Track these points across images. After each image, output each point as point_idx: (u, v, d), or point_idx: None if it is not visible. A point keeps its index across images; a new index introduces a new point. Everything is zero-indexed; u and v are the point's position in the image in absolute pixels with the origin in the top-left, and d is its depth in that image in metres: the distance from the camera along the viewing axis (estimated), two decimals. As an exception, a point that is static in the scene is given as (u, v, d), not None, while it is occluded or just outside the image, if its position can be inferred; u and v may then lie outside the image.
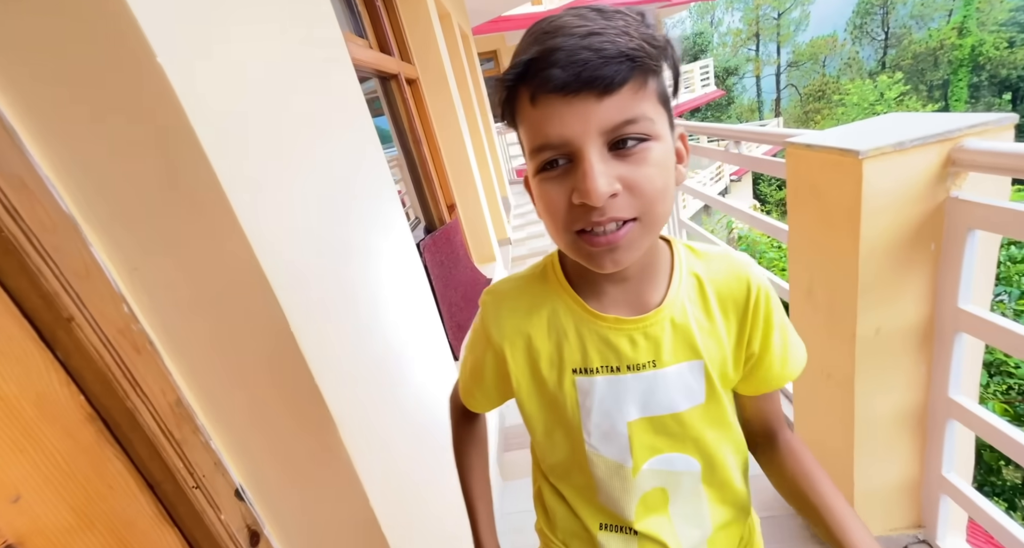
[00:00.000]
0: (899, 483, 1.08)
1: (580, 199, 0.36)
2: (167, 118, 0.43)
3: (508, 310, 0.50)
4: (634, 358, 0.46)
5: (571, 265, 0.48)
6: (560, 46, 0.34)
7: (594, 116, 0.35)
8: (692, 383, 0.47)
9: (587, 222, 0.38)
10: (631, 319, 0.46)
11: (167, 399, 0.51)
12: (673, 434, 0.49)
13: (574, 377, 0.47)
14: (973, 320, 0.87)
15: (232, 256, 0.47)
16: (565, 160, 0.37)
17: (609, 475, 0.50)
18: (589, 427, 0.48)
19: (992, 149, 0.78)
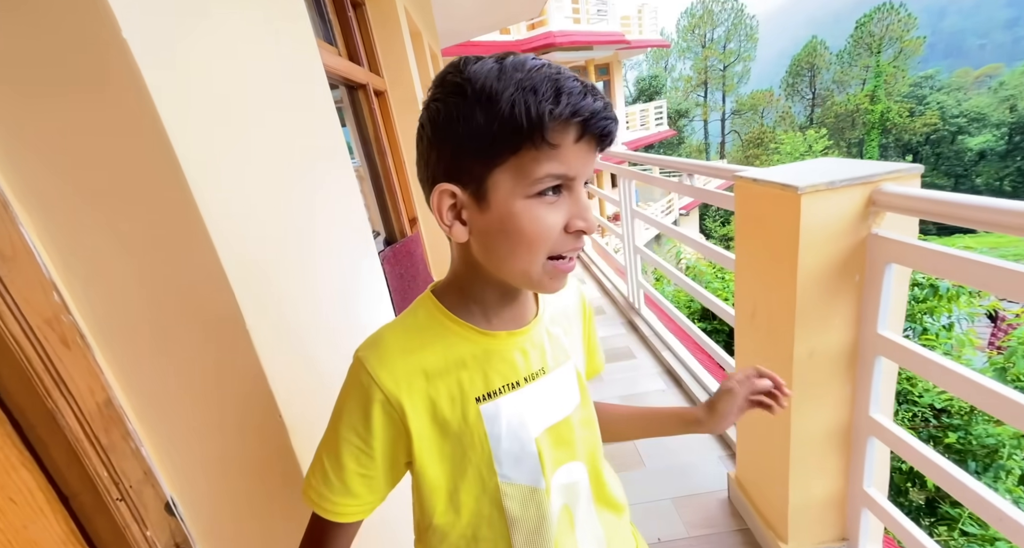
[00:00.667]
0: (828, 497, 1.16)
1: (582, 227, 0.43)
2: (128, 97, 0.41)
3: (397, 354, 0.46)
4: (528, 368, 0.50)
5: (453, 299, 0.49)
6: (606, 106, 0.41)
7: (591, 163, 0.43)
8: (570, 384, 0.54)
9: (571, 247, 0.43)
10: (519, 331, 0.49)
11: (96, 399, 0.46)
12: (568, 441, 0.53)
13: (478, 407, 0.47)
14: (890, 345, 0.96)
15: (189, 246, 0.44)
16: (562, 190, 0.42)
17: (524, 505, 0.49)
18: (500, 456, 0.48)
19: (905, 193, 0.89)
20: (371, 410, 0.45)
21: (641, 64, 32.78)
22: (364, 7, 2.22)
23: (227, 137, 0.54)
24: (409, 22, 2.92)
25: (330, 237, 0.86)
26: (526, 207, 0.40)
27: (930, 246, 0.85)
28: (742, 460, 1.42)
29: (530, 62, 0.40)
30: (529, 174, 0.39)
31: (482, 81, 0.39)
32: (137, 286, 0.45)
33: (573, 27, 10.43)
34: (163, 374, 0.48)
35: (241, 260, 0.50)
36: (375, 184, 2.24)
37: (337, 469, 0.46)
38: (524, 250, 0.42)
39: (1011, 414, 0.74)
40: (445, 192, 0.42)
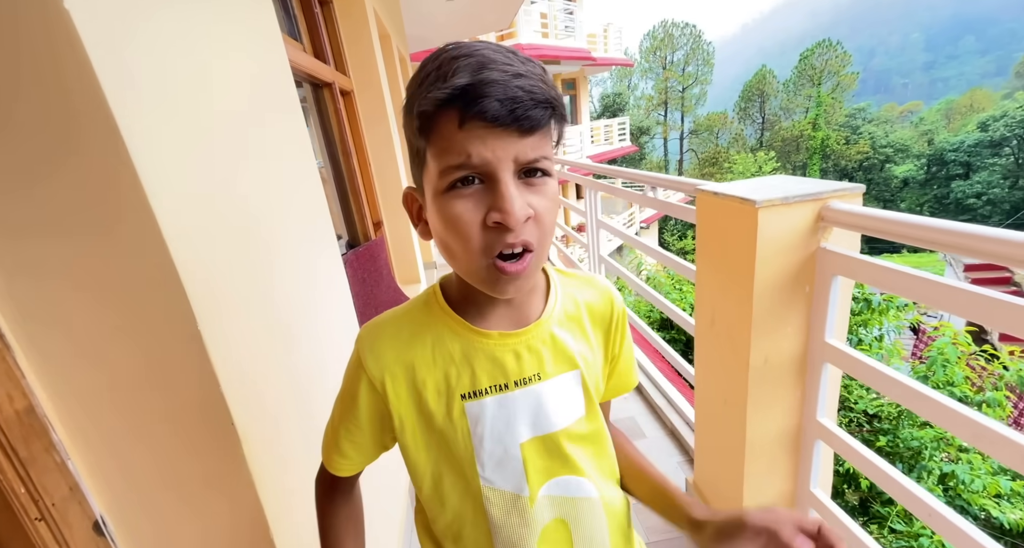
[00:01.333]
0: (778, 499, 1.21)
1: (498, 219, 0.38)
2: (69, 80, 0.37)
3: (388, 340, 0.48)
4: (520, 372, 0.47)
5: (455, 292, 0.49)
6: (495, 80, 0.36)
7: (514, 148, 0.38)
8: (573, 394, 0.50)
9: (503, 244, 0.39)
10: (514, 333, 0.47)
11: (14, 407, 0.40)
12: (564, 455, 0.49)
13: (463, 404, 0.47)
14: (836, 352, 1.03)
15: (133, 233, 0.40)
16: (479, 180, 0.39)
17: (506, 512, 0.48)
18: (483, 457, 0.47)
19: (851, 210, 0.95)
20: (359, 386, 0.48)
21: (606, 81, 33.93)
22: (331, 5, 2.16)
23: (181, 126, 0.50)
24: (378, 23, 2.88)
25: (290, 237, 0.82)
26: (442, 202, 0.39)
27: (872, 260, 0.92)
28: (700, 465, 1.46)
29: (442, 52, 0.39)
30: (434, 169, 0.39)
31: (409, 83, 0.41)
32: (69, 278, 0.40)
33: (541, 41, 10.66)
34: (97, 379, 0.43)
35: (194, 257, 0.46)
36: (339, 186, 2.17)
37: (334, 432, 0.51)
38: (455, 247, 0.41)
39: (937, 414, 0.80)
40: (409, 196, 0.45)
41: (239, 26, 0.75)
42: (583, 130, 12.73)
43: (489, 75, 0.36)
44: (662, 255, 1.83)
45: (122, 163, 0.39)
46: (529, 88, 0.37)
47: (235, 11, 0.73)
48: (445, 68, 0.37)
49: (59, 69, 0.37)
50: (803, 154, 29.50)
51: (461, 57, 0.37)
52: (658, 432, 1.93)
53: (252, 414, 0.52)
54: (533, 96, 0.37)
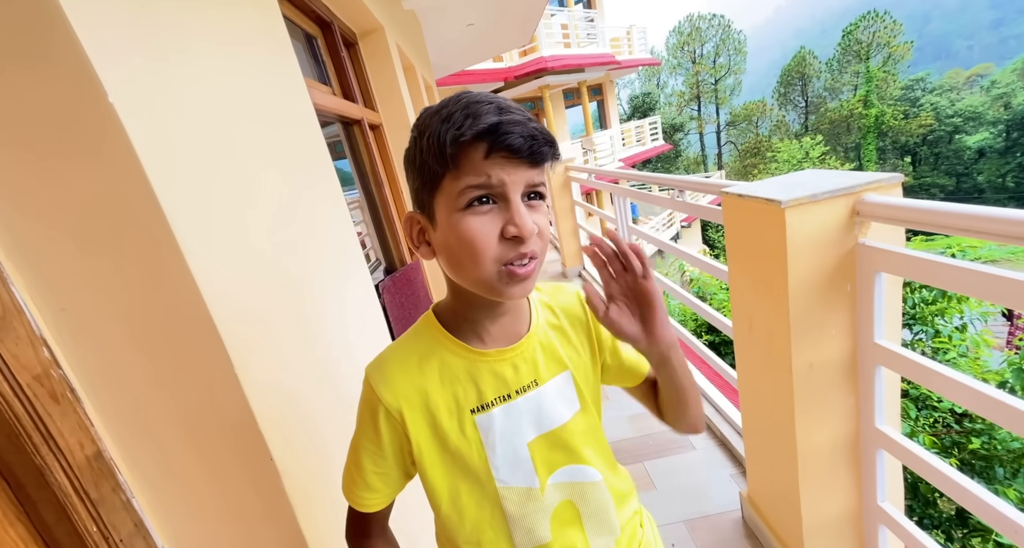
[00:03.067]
0: (843, 514, 1.12)
1: (515, 232, 0.45)
2: (110, 150, 0.43)
3: (398, 371, 0.52)
4: (519, 381, 0.53)
5: (450, 319, 0.54)
6: (517, 121, 0.44)
7: (524, 175, 0.46)
8: (567, 392, 0.56)
9: (516, 254, 0.46)
10: (510, 348, 0.54)
11: (84, 452, 0.46)
12: (566, 446, 0.55)
13: (474, 418, 0.52)
14: (889, 354, 0.95)
15: (175, 295, 0.46)
16: (493, 200, 0.45)
17: (521, 505, 0.54)
18: (496, 462, 0.53)
19: (886, 202, 0.89)
20: (378, 420, 0.52)
21: (634, 82, 33.49)
22: (357, 46, 2.31)
23: (213, 188, 0.56)
24: (402, 57, 3.03)
25: (324, 275, 0.88)
26: (460, 219, 0.45)
27: (917, 254, 0.85)
28: (752, 478, 1.39)
29: (460, 98, 0.45)
30: (453, 190, 0.45)
31: (421, 122, 0.47)
32: (126, 337, 0.46)
33: (564, 51, 10.73)
34: (154, 423, 0.49)
35: (229, 310, 0.52)
36: (373, 214, 2.28)
37: (358, 469, 0.54)
38: (469, 259, 0.46)
39: (1014, 422, 0.73)
40: (411, 219, 0.50)
41: (266, 83, 0.82)
42: (613, 134, 12.61)
43: (512, 117, 0.44)
44: (694, 258, 1.77)
45: (162, 231, 0.45)
46: (541, 130, 0.45)
47: (262, 67, 0.81)
48: (472, 109, 0.44)
49: (110, 158, 0.43)
50: (855, 134, 27.53)
51: (483, 102, 0.44)
52: (707, 442, 1.85)
53: (289, 451, 0.57)
54: (544, 137, 0.45)
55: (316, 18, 1.80)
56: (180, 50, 0.56)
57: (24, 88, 0.41)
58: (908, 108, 27.38)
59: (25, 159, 0.43)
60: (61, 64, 0.41)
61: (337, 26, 1.95)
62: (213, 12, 0.68)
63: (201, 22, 0.63)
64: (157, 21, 0.53)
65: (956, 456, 2.90)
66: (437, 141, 0.43)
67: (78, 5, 0.41)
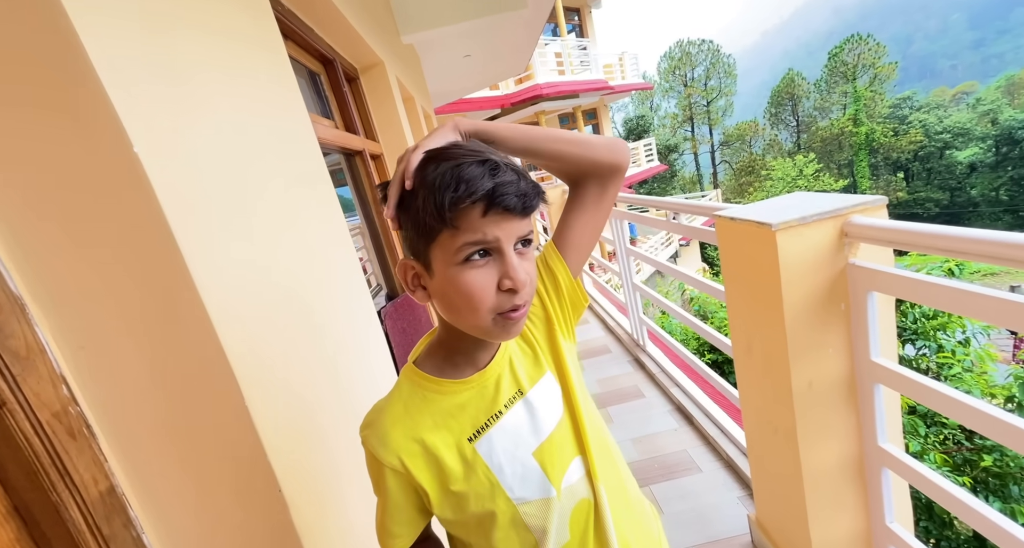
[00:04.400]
0: (852, 536, 1.10)
1: (511, 285, 0.47)
2: (128, 197, 0.46)
3: (391, 424, 0.53)
4: (505, 395, 0.55)
5: (431, 365, 0.56)
6: (509, 181, 0.46)
7: (516, 228, 0.48)
8: (552, 394, 0.58)
9: (511, 304, 0.48)
10: (485, 369, 0.55)
11: (99, 488, 0.47)
12: (564, 444, 0.57)
13: (473, 446, 0.53)
14: (886, 372, 0.96)
15: (189, 332, 0.48)
16: (486, 254, 0.48)
17: (544, 517, 0.54)
18: (508, 482, 0.53)
19: (873, 224, 0.92)
20: (384, 477, 0.53)
21: (627, 106, 34.32)
22: (358, 81, 2.40)
23: (228, 228, 0.59)
24: (401, 89, 3.13)
25: (328, 304, 0.90)
26: (457, 273, 0.47)
27: (906, 273, 0.88)
28: (760, 500, 1.37)
29: (445, 157, 0.47)
30: (450, 247, 0.47)
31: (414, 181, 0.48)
32: (142, 373, 0.48)
33: (558, 78, 11.06)
34: (165, 458, 0.50)
35: (241, 345, 0.54)
36: (375, 242, 2.32)
37: (382, 521, 0.56)
38: (467, 309, 0.48)
39: (1013, 439, 0.73)
40: (405, 265, 0.52)
41: (274, 118, 0.87)
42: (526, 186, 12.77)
43: (504, 177, 0.46)
44: (691, 278, 1.80)
45: (179, 271, 0.48)
46: (529, 187, 0.48)
47: (267, 103, 0.85)
48: (465, 174, 0.45)
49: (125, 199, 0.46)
50: (847, 152, 28.04)
51: (472, 164, 0.46)
52: (713, 464, 1.82)
53: (297, 483, 0.58)
54: (535, 190, 0.48)
55: (319, 56, 1.88)
56: (195, 95, 0.60)
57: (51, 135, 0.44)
58: (897, 125, 27.99)
59: (53, 199, 0.45)
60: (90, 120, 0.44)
61: (339, 62, 2.03)
62: (225, 54, 0.72)
63: (215, 63, 0.68)
64: (174, 58, 0.57)
65: (969, 474, 2.84)
66: (434, 203, 0.45)
67: (99, 40, 0.45)
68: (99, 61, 0.43)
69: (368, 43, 2.16)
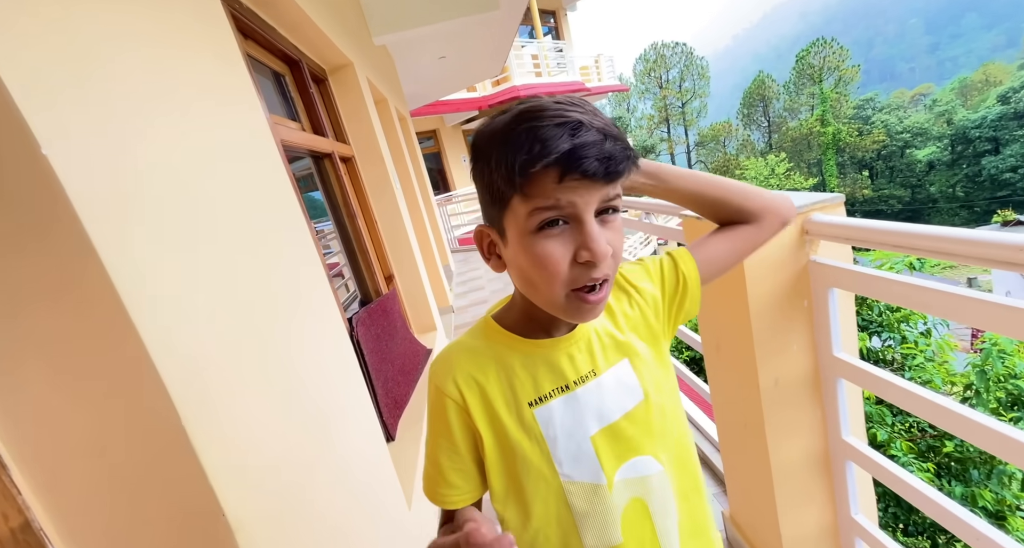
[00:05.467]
0: (820, 529, 1.13)
1: (588, 258, 0.43)
2: (50, 215, 0.43)
3: (458, 363, 0.53)
4: (576, 372, 0.52)
5: (509, 319, 0.54)
6: (591, 142, 0.41)
7: (599, 194, 0.44)
8: (627, 382, 0.54)
9: (588, 278, 0.44)
10: (564, 337, 0.53)
11: (9, 525, 0.43)
12: (630, 437, 0.53)
13: (532, 411, 0.51)
14: (848, 367, 0.98)
15: (115, 350, 0.45)
16: (564, 221, 0.44)
17: (589, 502, 0.52)
18: (559, 456, 0.51)
19: (832, 221, 0.94)
20: (448, 414, 0.52)
21: (604, 107, 34.75)
22: (327, 82, 2.35)
23: (166, 246, 0.56)
24: (373, 91, 3.08)
25: (288, 320, 0.87)
26: (532, 242, 0.44)
27: (864, 270, 0.90)
28: (733, 496, 1.39)
29: (521, 114, 0.43)
30: (523, 211, 0.44)
31: (481, 144, 0.46)
32: (60, 392, 0.45)
33: (535, 80, 11.09)
34: (90, 488, 0.46)
35: (175, 355, 0.50)
36: (347, 246, 2.27)
37: (436, 467, 0.53)
38: (540, 281, 0.46)
39: (965, 430, 0.75)
40: (481, 232, 0.50)
41: (228, 126, 0.83)
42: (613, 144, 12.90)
43: (585, 138, 0.41)
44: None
45: (101, 279, 0.45)
46: (617, 148, 0.43)
47: (224, 113, 0.82)
48: (541, 133, 0.41)
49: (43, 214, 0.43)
50: (815, 151, 29.05)
51: (550, 122, 0.41)
52: (691, 462, 1.84)
53: (247, 506, 0.55)
54: (623, 153, 0.43)
55: (283, 56, 1.83)
56: (128, 104, 0.57)
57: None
58: (861, 126, 29.16)
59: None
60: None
61: (305, 63, 1.98)
62: (168, 64, 0.69)
63: (156, 72, 0.64)
64: (98, 68, 0.54)
65: (932, 460, 2.95)
66: (505, 167, 0.42)
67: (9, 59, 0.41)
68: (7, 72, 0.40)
69: (336, 44, 2.11)
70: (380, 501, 1.14)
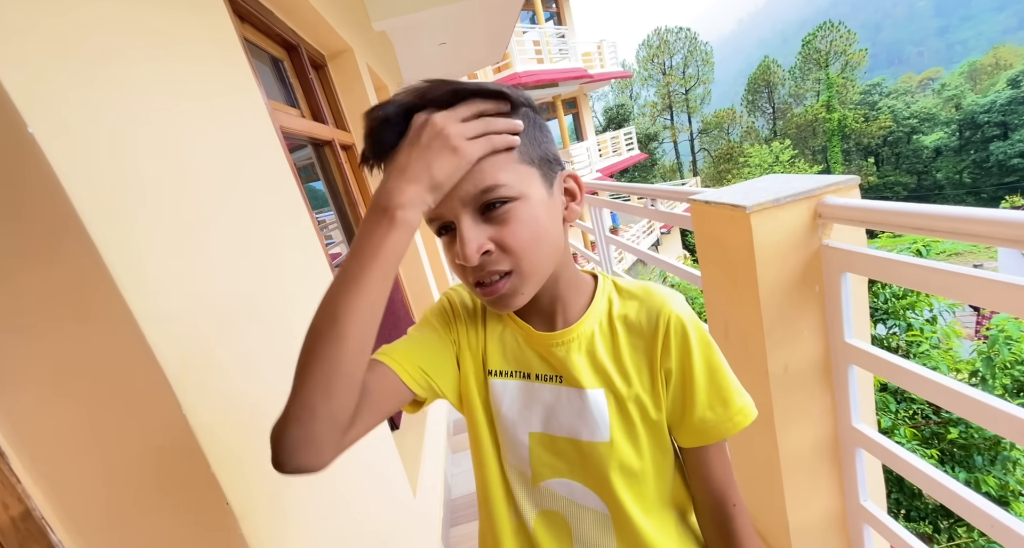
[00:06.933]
0: (828, 516, 1.12)
1: (460, 262, 0.44)
2: (40, 198, 0.41)
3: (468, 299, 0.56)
4: (543, 369, 0.52)
5: None
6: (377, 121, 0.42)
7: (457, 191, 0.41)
8: (595, 414, 0.48)
9: (476, 276, 0.45)
10: (540, 334, 0.51)
11: (9, 514, 0.42)
12: (572, 461, 0.51)
13: (490, 380, 0.53)
14: (860, 353, 0.97)
15: (110, 335, 0.43)
16: (448, 227, 0.44)
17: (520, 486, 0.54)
18: (499, 432, 0.53)
19: (846, 204, 0.92)
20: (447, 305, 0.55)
21: (607, 95, 34.31)
22: (326, 68, 2.31)
23: (164, 234, 0.54)
24: (373, 77, 3.04)
25: (283, 306, 0.85)
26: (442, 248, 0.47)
27: (878, 253, 0.87)
28: (739, 484, 1.38)
29: None
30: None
31: None
32: (57, 378, 0.44)
33: (537, 67, 10.94)
34: (93, 475, 0.45)
35: (175, 340, 0.49)
36: (349, 235, 2.25)
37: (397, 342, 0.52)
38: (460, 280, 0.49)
39: (981, 415, 0.74)
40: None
41: (227, 114, 0.81)
42: (589, 145, 12.83)
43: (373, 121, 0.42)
44: (673, 266, 1.79)
45: (89, 253, 0.43)
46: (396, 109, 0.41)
47: (217, 103, 0.79)
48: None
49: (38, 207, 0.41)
50: (820, 138, 28.67)
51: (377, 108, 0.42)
52: (696, 449, 1.84)
53: (248, 493, 0.54)
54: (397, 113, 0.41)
55: (282, 41, 1.79)
56: (125, 93, 0.55)
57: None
58: (868, 111, 28.71)
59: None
60: None
61: (304, 49, 1.94)
62: (164, 50, 0.66)
63: (152, 59, 0.62)
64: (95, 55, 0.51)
65: (936, 447, 2.96)
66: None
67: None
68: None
69: (335, 28, 2.06)
70: (385, 489, 1.14)
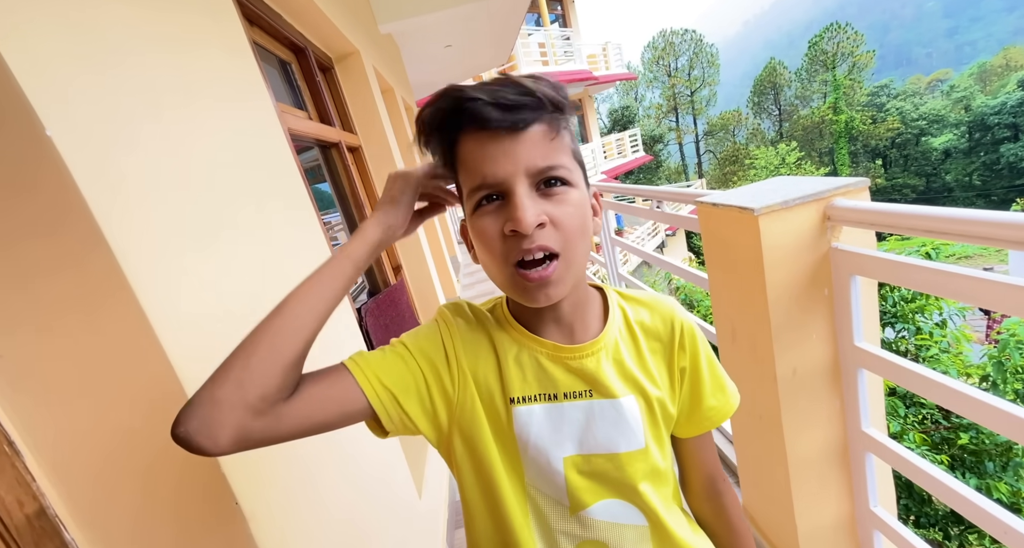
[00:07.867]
0: (837, 521, 1.11)
1: (512, 226, 0.41)
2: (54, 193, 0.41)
3: (464, 321, 0.51)
4: (570, 386, 0.48)
5: (516, 306, 0.51)
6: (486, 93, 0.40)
7: (522, 161, 0.41)
8: (631, 422, 0.49)
9: (520, 251, 0.42)
10: (567, 347, 0.48)
11: (24, 511, 0.42)
12: (609, 478, 0.49)
13: (512, 408, 0.48)
14: (869, 357, 0.96)
15: (127, 338, 0.44)
16: (497, 196, 0.43)
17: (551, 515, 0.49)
18: (527, 461, 0.48)
19: (856, 206, 0.91)
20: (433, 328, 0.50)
21: (612, 97, 34.30)
22: (333, 70, 2.32)
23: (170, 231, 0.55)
24: (379, 79, 3.05)
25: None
26: (474, 221, 0.45)
27: (888, 256, 0.87)
28: (746, 487, 1.37)
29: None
30: (466, 197, 0.45)
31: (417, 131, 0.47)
32: (72, 379, 0.44)
33: (542, 69, 10.96)
34: (106, 473, 0.46)
35: (186, 344, 0.49)
36: (355, 236, 2.26)
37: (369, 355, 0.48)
38: (486, 259, 0.45)
39: (994, 420, 0.73)
40: (463, 226, 0.49)
41: (239, 118, 0.81)
42: (594, 147, 12.83)
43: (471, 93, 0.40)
44: (676, 268, 1.79)
45: (108, 262, 0.43)
46: (520, 90, 0.40)
47: (228, 105, 0.80)
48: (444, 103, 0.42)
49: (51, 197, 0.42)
50: (827, 140, 28.50)
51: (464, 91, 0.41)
52: (702, 453, 1.83)
53: (258, 495, 0.54)
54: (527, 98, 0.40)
55: (290, 44, 1.80)
56: (141, 97, 0.55)
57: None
58: (875, 113, 28.51)
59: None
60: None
61: (312, 51, 1.96)
62: (178, 54, 0.67)
63: (166, 63, 0.63)
64: (114, 62, 0.52)
65: (947, 452, 2.92)
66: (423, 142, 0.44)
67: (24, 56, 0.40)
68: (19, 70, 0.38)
69: (342, 31, 2.08)
70: (391, 490, 1.14)
